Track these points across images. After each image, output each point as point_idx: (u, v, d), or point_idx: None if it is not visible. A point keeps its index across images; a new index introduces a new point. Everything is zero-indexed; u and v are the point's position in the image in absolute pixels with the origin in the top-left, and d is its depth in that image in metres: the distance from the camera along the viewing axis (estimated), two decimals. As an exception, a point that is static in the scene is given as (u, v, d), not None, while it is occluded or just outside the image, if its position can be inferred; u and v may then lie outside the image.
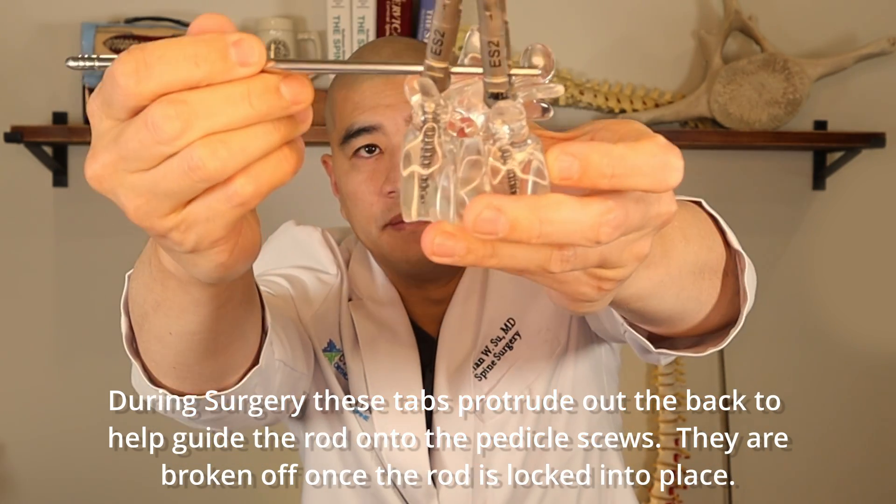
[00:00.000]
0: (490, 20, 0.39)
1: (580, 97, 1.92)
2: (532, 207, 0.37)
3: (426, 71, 0.42)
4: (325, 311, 0.99)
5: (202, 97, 0.39)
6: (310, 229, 1.06)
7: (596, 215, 0.37)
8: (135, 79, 0.38)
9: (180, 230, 0.42)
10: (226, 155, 0.39)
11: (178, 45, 0.39)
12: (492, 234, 0.36)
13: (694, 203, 0.67)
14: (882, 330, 2.03)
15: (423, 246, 0.38)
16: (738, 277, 0.66)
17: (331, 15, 1.84)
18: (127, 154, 0.39)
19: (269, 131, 0.40)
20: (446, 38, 0.41)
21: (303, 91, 0.40)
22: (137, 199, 0.41)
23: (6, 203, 1.92)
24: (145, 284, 0.56)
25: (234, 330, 0.61)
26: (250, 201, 0.40)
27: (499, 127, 0.40)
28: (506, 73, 0.40)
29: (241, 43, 0.39)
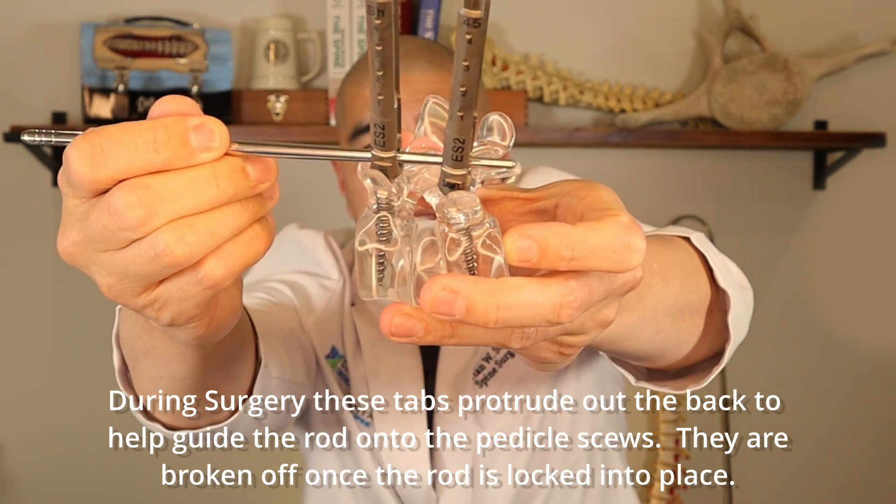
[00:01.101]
0: (460, 120, 0.38)
1: (580, 97, 1.92)
2: (489, 291, 0.36)
3: (374, 161, 0.41)
4: (327, 317, 0.99)
5: (166, 182, 0.37)
6: (312, 233, 1.05)
7: (556, 297, 0.36)
8: (91, 166, 0.37)
9: (154, 308, 0.41)
10: (193, 239, 0.38)
11: (136, 129, 0.37)
12: (448, 315, 0.35)
13: (682, 238, 0.66)
14: (882, 330, 2.03)
15: (382, 326, 0.37)
16: (726, 313, 0.65)
17: (331, 15, 1.84)
18: (94, 236, 0.39)
19: (238, 211, 0.39)
20: (387, 131, 0.40)
21: (268, 169, 0.40)
22: (109, 277, 0.40)
23: (6, 203, 1.92)
24: (134, 331, 0.56)
25: (226, 370, 0.61)
26: (221, 283, 0.40)
27: (454, 213, 0.40)
28: (466, 167, 0.40)
29: (202, 127, 0.38)
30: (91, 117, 1.80)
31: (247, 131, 1.80)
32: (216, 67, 1.83)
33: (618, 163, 2.00)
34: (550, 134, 1.85)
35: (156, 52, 1.82)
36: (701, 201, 2.01)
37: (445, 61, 0.96)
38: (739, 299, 0.66)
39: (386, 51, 0.36)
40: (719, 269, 0.65)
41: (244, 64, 1.91)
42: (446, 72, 0.94)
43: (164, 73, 1.81)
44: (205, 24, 1.89)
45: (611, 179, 1.17)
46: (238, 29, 1.92)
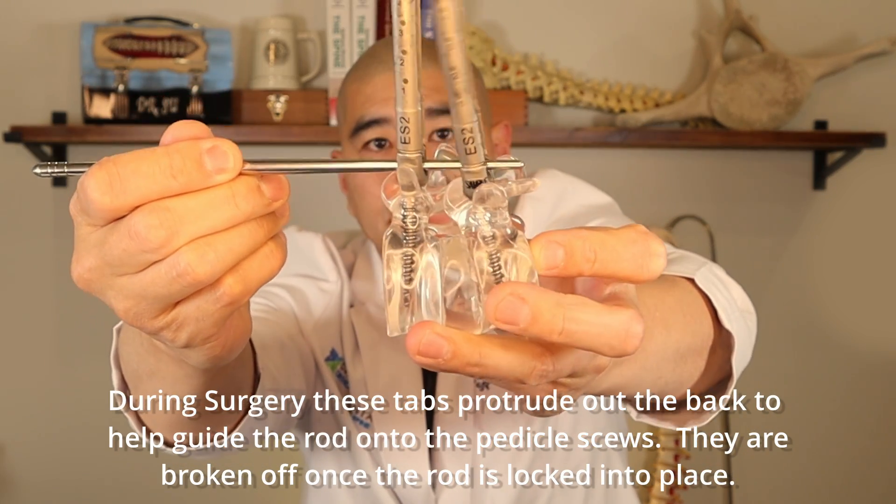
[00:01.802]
0: (461, 106, 0.38)
1: (580, 97, 1.92)
2: (557, 302, 0.36)
3: (401, 163, 0.41)
4: (326, 320, 0.99)
5: (185, 203, 0.38)
6: (310, 236, 1.05)
7: (626, 320, 0.37)
8: (110, 195, 0.38)
9: (171, 329, 0.42)
10: (214, 258, 0.39)
11: (152, 157, 0.38)
12: (512, 322, 0.36)
13: (688, 280, 0.66)
14: (882, 330, 2.03)
15: (410, 345, 0.37)
16: (730, 350, 0.65)
17: (331, 15, 1.84)
18: (112, 260, 0.39)
19: (254, 229, 0.40)
20: (412, 125, 0.39)
21: (281, 187, 0.41)
22: (126, 301, 0.41)
23: (6, 203, 1.92)
24: (138, 353, 0.56)
25: (228, 390, 0.62)
26: (239, 300, 0.41)
27: (481, 215, 0.39)
28: (481, 159, 0.40)
29: (216, 150, 0.39)
30: (91, 117, 1.80)
31: (247, 131, 1.80)
32: (216, 67, 1.83)
33: (618, 163, 2.00)
34: (550, 134, 1.85)
35: (156, 52, 1.82)
36: (701, 201, 2.01)
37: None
38: (744, 331, 0.66)
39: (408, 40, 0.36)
40: (724, 308, 0.64)
41: (244, 64, 1.91)
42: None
43: (164, 73, 1.81)
44: (205, 24, 1.89)
45: (611, 179, 1.17)
46: (238, 29, 1.92)
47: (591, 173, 1.08)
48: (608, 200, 0.99)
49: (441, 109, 0.92)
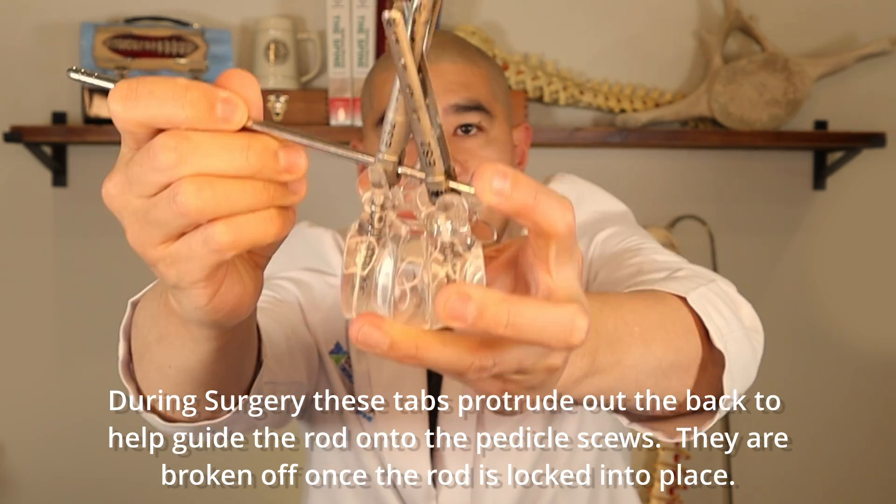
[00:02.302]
0: (418, 122, 0.41)
1: (580, 97, 1.92)
2: (502, 298, 0.37)
3: (377, 163, 0.43)
4: (333, 313, 0.99)
5: (202, 138, 0.40)
6: (321, 231, 1.06)
7: (570, 315, 0.38)
8: (122, 106, 0.40)
9: (165, 263, 0.43)
10: (209, 195, 0.40)
11: (171, 84, 0.40)
12: (460, 319, 0.37)
13: (679, 298, 0.66)
14: (882, 330, 2.03)
15: (350, 332, 0.39)
16: (723, 369, 0.64)
17: (331, 15, 1.84)
18: (131, 177, 0.42)
19: (258, 189, 0.41)
20: (397, 131, 0.42)
21: (298, 161, 0.42)
22: (135, 223, 0.43)
23: (6, 203, 1.92)
24: (152, 316, 0.57)
25: (232, 370, 0.62)
26: (225, 250, 0.42)
27: (442, 222, 0.42)
28: (441, 171, 0.42)
29: (229, 100, 0.41)
30: (91, 117, 1.80)
31: (247, 131, 1.80)
32: (216, 67, 1.83)
33: (618, 163, 2.00)
34: (550, 134, 1.85)
35: (156, 52, 1.82)
36: (701, 201, 2.01)
37: (476, 55, 0.97)
38: (745, 349, 0.66)
39: (415, 51, 0.39)
40: (718, 328, 0.64)
41: (244, 64, 1.91)
42: (476, 65, 0.95)
43: (165, 73, 1.81)
44: (205, 24, 1.89)
45: (611, 179, 1.17)
46: (238, 29, 1.92)
47: (591, 173, 1.08)
48: (623, 209, 0.99)
49: (468, 106, 0.93)
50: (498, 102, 0.96)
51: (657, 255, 0.83)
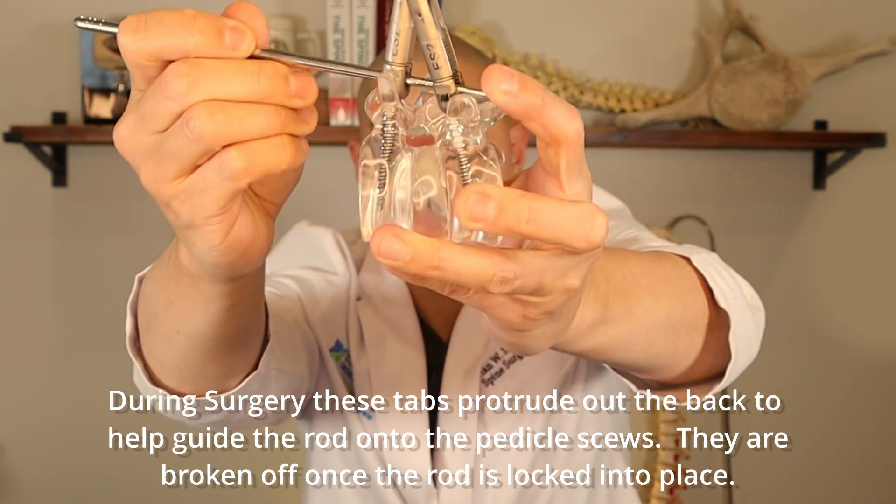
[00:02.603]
0: (422, 23, 0.41)
1: (580, 97, 1.92)
2: (520, 195, 0.37)
3: (386, 72, 0.43)
4: (332, 311, 1.00)
5: (213, 64, 0.41)
6: (321, 230, 1.06)
7: (589, 210, 0.38)
8: (132, 37, 0.41)
9: (179, 199, 0.43)
10: (222, 119, 0.40)
11: (180, 14, 0.41)
12: (482, 218, 0.37)
13: (683, 258, 0.66)
14: (882, 330, 2.03)
15: (372, 245, 0.39)
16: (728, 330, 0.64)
17: (330, 15, 1.84)
18: (143, 113, 0.42)
19: (271, 114, 0.42)
20: (401, 38, 0.43)
21: (308, 87, 0.42)
22: (148, 161, 0.43)
23: (6, 203, 1.92)
24: (160, 281, 0.57)
25: (240, 334, 0.61)
26: (240, 177, 0.42)
27: (454, 127, 0.41)
28: (448, 72, 0.42)
29: (237, 29, 0.41)
30: (91, 117, 1.80)
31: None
32: (216, 67, 1.83)
33: (618, 163, 2.00)
34: (550, 134, 1.85)
35: (156, 52, 1.82)
36: (701, 201, 2.01)
37: (472, 54, 0.98)
38: (748, 319, 0.65)
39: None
40: (721, 290, 0.64)
41: (244, 64, 1.91)
42: (472, 63, 0.95)
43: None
44: (205, 24, 1.89)
45: (611, 179, 1.17)
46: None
47: (592, 173, 1.08)
48: (620, 205, 1.00)
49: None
50: None
51: (654, 242, 0.83)
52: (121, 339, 0.63)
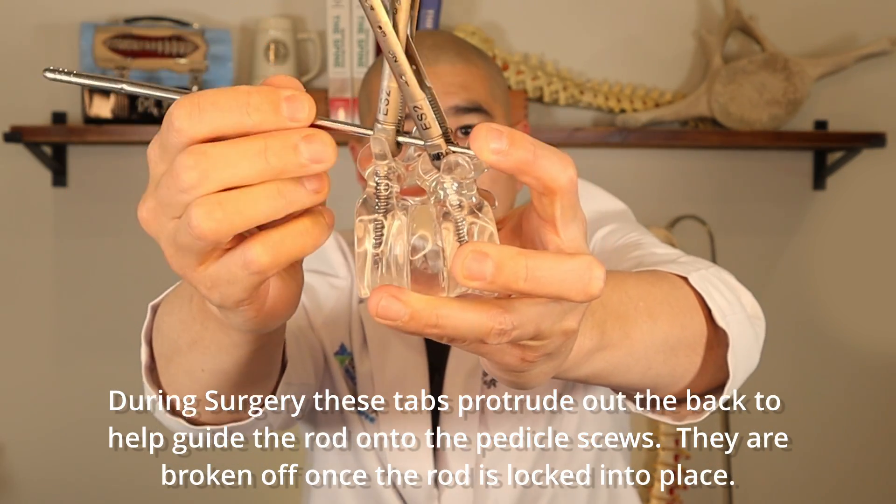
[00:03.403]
0: (407, 87, 0.40)
1: (580, 97, 1.92)
2: (518, 253, 0.37)
3: (377, 132, 0.43)
4: (336, 314, 0.99)
5: (220, 149, 0.39)
6: None
7: (586, 264, 0.38)
8: (188, 121, 0.39)
9: (206, 286, 0.43)
10: (220, 216, 0.39)
11: (233, 92, 0.40)
12: (479, 277, 0.37)
13: (681, 278, 0.66)
14: (882, 330, 2.03)
15: (370, 306, 0.38)
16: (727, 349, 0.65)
17: (330, 15, 1.84)
18: (161, 199, 0.41)
19: (272, 196, 0.40)
20: (392, 97, 0.42)
21: (324, 151, 0.40)
22: (170, 247, 0.42)
23: (6, 203, 1.92)
24: (182, 321, 0.56)
25: (265, 369, 0.62)
26: (266, 270, 0.41)
27: (449, 184, 0.41)
28: (438, 132, 0.42)
29: (294, 99, 0.40)
30: (91, 117, 1.80)
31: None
32: (216, 67, 1.83)
33: (618, 163, 2.00)
34: (550, 134, 1.85)
35: (156, 52, 1.82)
36: (701, 201, 2.01)
37: (474, 56, 0.97)
38: (747, 332, 0.65)
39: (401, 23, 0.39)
40: (720, 307, 0.64)
41: (244, 64, 1.91)
42: (474, 65, 0.95)
43: (164, 73, 1.81)
44: (205, 24, 1.89)
45: (611, 179, 1.17)
46: (238, 29, 1.92)
47: (591, 173, 1.08)
48: (622, 207, 0.99)
49: (467, 108, 0.93)
50: (497, 102, 0.96)
51: (657, 248, 0.83)
52: (120, 339, 0.63)
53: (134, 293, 1.89)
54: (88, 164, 1.90)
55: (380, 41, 0.40)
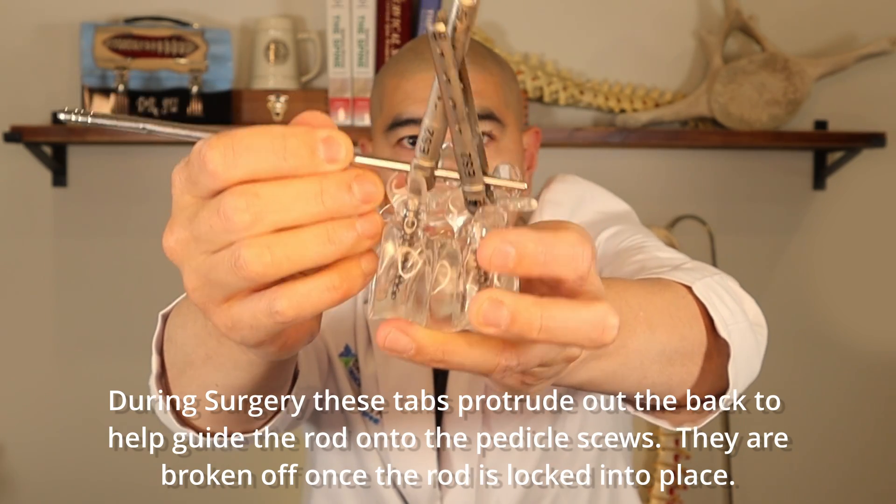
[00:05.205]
0: (460, 134, 0.40)
1: (580, 97, 1.92)
2: (534, 302, 0.38)
3: (415, 169, 0.43)
4: (340, 316, 0.99)
5: (273, 191, 0.39)
6: None
7: (601, 314, 0.38)
8: (223, 165, 0.38)
9: (227, 326, 0.42)
10: (269, 261, 0.39)
11: (268, 135, 0.39)
12: (494, 325, 0.37)
13: (684, 286, 0.66)
14: (882, 330, 2.03)
15: (377, 338, 0.39)
16: (728, 359, 0.65)
17: (330, 15, 1.84)
18: (199, 235, 0.40)
19: (322, 243, 0.40)
20: (435, 137, 0.42)
21: (374, 190, 0.40)
22: (196, 280, 0.41)
23: (6, 203, 1.92)
24: (197, 336, 0.55)
25: (278, 382, 0.62)
26: (290, 320, 0.41)
27: (476, 231, 0.42)
28: (481, 181, 0.42)
29: (331, 140, 0.39)
30: (91, 117, 1.80)
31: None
32: (216, 67, 1.83)
33: (618, 163, 2.00)
34: (550, 134, 1.85)
35: (156, 52, 1.82)
36: (701, 201, 2.01)
37: (488, 61, 0.96)
38: (749, 341, 0.65)
39: (457, 56, 0.38)
40: (722, 317, 0.64)
41: (244, 64, 1.91)
42: (488, 72, 0.94)
43: (164, 73, 1.81)
44: (205, 24, 1.89)
45: (611, 179, 1.17)
46: (238, 29, 1.92)
47: (592, 173, 1.08)
48: (626, 208, 0.99)
49: (480, 115, 0.91)
50: (509, 109, 0.95)
51: (660, 252, 0.83)
52: (120, 339, 0.63)
53: (134, 293, 1.89)
54: (88, 164, 1.90)
55: (442, 87, 0.39)
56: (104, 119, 0.43)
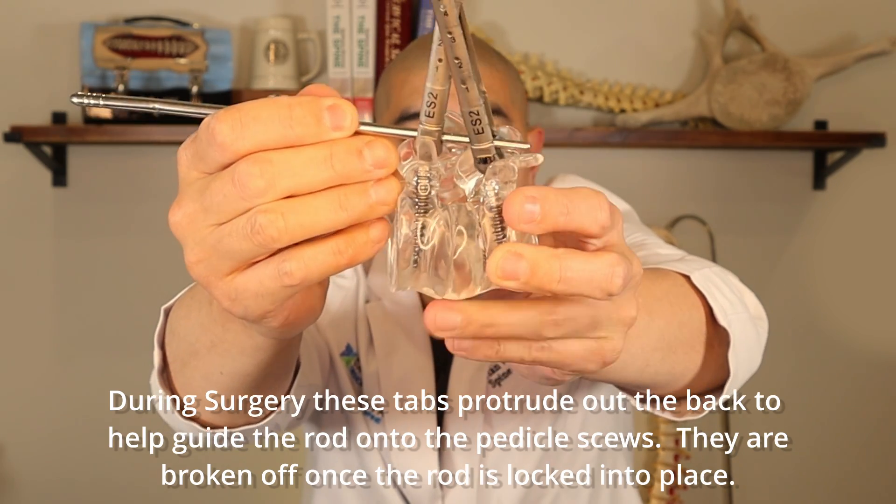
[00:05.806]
0: (467, 92, 0.41)
1: (580, 97, 1.92)
2: (552, 254, 0.38)
3: (423, 134, 0.43)
4: (342, 315, 0.99)
5: (285, 157, 0.39)
6: None
7: (607, 265, 0.39)
8: (231, 136, 0.39)
9: (229, 297, 0.43)
10: (282, 226, 0.39)
11: (274, 105, 0.40)
12: (514, 277, 0.38)
13: (683, 276, 0.66)
14: (882, 330, 2.03)
15: (426, 321, 0.40)
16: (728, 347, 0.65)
17: (330, 15, 1.84)
18: (210, 206, 0.40)
19: (334, 209, 0.40)
20: (439, 100, 0.43)
21: (387, 155, 0.40)
22: (202, 252, 0.42)
23: (6, 203, 1.92)
24: (201, 324, 0.56)
25: (283, 369, 0.62)
26: (299, 284, 0.41)
27: (490, 188, 0.42)
28: (490, 138, 0.43)
29: (336, 108, 0.40)
30: (91, 117, 1.80)
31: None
32: (216, 67, 1.83)
33: (618, 163, 2.00)
34: (550, 134, 1.85)
35: (156, 52, 1.82)
36: (701, 201, 2.01)
37: (494, 58, 0.96)
38: (749, 332, 0.66)
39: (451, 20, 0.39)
40: (721, 306, 0.64)
41: (244, 64, 1.91)
42: (494, 68, 0.94)
43: (164, 73, 1.81)
44: (205, 24, 1.89)
45: (611, 179, 1.17)
46: (238, 29, 1.92)
47: (592, 173, 1.08)
48: (626, 207, 0.99)
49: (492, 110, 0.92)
50: (515, 106, 0.95)
51: (661, 248, 0.83)
52: (120, 339, 0.63)
53: (134, 293, 1.89)
54: (88, 164, 1.90)
55: (446, 46, 0.40)
56: (115, 101, 0.43)
